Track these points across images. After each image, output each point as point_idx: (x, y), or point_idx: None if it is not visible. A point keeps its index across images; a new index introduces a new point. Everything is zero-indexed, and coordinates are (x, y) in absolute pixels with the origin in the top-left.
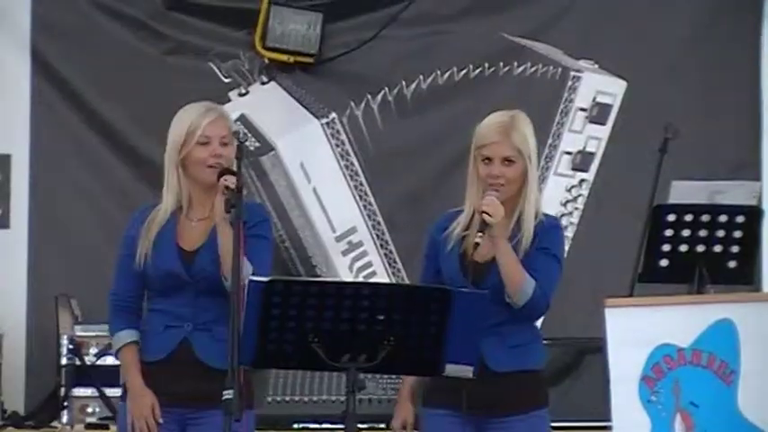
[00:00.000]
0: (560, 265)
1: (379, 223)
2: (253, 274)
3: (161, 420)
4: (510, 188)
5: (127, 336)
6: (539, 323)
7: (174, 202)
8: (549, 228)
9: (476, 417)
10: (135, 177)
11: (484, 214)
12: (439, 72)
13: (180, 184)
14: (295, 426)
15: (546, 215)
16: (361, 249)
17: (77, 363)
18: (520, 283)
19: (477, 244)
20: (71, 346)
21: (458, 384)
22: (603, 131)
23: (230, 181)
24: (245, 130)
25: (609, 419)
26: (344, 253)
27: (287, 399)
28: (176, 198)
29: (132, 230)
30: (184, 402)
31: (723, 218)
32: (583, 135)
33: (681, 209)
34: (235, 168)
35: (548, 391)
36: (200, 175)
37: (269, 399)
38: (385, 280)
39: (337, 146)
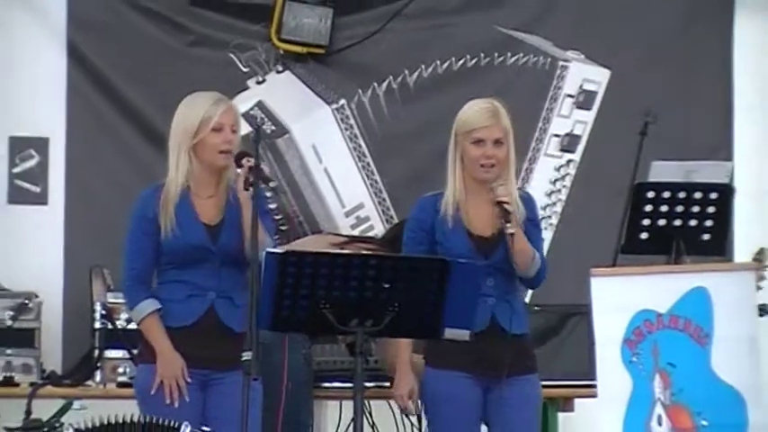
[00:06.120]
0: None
1: (384, 200)
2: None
3: (189, 380)
4: (499, 168)
5: (150, 305)
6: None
7: (184, 182)
8: (529, 201)
9: (486, 377)
10: (161, 160)
11: (503, 204)
12: (439, 62)
13: (191, 166)
14: None
15: (520, 189)
16: (369, 224)
17: (109, 327)
18: (532, 260)
19: (512, 234)
20: (104, 312)
21: (469, 347)
22: (589, 116)
23: (252, 161)
24: (263, 115)
25: (594, 378)
26: (353, 227)
27: None
28: (186, 178)
29: (146, 211)
30: (209, 364)
31: (698, 195)
32: (570, 119)
33: (659, 187)
34: (250, 150)
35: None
36: (214, 159)
37: None
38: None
39: (346, 129)
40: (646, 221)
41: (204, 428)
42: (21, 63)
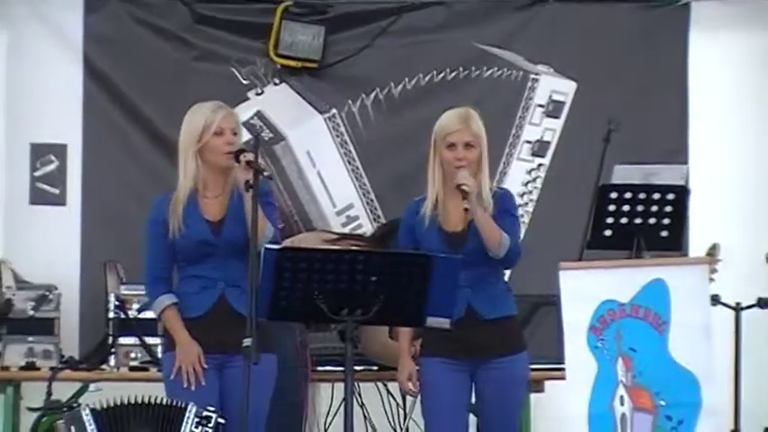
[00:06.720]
0: (519, 221)
1: (372, 200)
2: (273, 236)
3: (205, 366)
4: (470, 169)
5: (168, 299)
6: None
7: (192, 185)
8: (504, 195)
9: (471, 362)
10: (169, 164)
11: (463, 186)
12: (421, 75)
13: (198, 169)
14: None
15: (498, 187)
16: (357, 222)
17: (122, 316)
18: (498, 238)
19: (466, 209)
20: (117, 303)
21: (453, 335)
22: (558, 124)
23: (249, 156)
24: (261, 124)
25: (563, 362)
26: (343, 225)
27: None
28: (194, 181)
29: (158, 216)
30: (222, 348)
31: (656, 195)
32: (540, 127)
33: (621, 188)
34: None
35: (524, 337)
36: (218, 160)
37: None
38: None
39: (337, 137)
40: (609, 220)
41: (209, 408)
42: (41, 76)
